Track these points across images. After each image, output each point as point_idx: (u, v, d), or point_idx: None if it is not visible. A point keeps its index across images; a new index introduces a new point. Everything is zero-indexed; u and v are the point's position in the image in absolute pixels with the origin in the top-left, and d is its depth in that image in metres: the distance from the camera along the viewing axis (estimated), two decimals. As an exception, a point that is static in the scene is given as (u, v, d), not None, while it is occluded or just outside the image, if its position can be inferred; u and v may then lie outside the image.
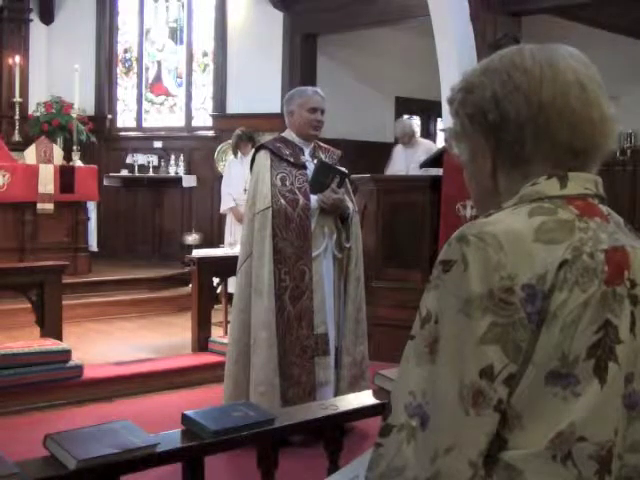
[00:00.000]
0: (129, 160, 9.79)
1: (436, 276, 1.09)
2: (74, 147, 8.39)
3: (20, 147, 8.88)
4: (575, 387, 1.05)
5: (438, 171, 6.17)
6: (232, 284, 5.42)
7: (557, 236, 1.08)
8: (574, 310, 1.05)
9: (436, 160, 6.44)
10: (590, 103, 1.13)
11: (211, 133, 9.81)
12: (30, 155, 8.24)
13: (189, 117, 10.17)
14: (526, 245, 1.06)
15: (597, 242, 1.10)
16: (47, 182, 7.67)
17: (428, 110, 10.49)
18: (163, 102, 10.38)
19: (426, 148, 7.97)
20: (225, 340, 5.08)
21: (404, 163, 7.86)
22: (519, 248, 1.05)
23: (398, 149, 8.02)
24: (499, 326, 1.03)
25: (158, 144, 10.01)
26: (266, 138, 5.83)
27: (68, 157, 8.53)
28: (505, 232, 1.07)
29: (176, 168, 9.74)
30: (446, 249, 1.10)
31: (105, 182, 9.55)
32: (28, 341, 5.09)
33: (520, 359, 1.04)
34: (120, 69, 10.46)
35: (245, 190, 6.47)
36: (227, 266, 5.36)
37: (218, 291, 6.13)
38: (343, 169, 4.13)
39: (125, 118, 10.46)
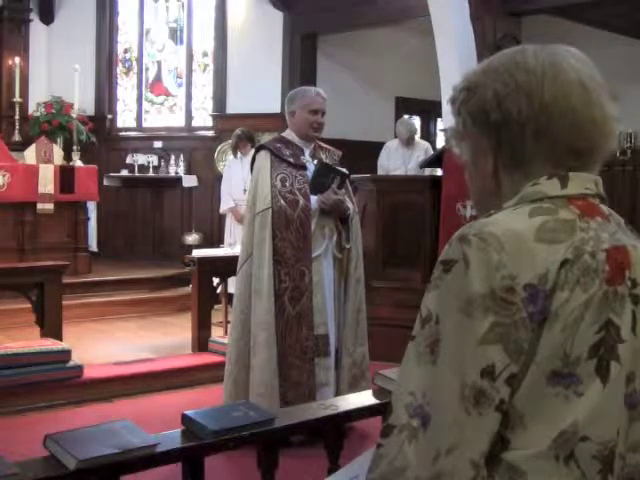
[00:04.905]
0: (129, 160, 9.79)
1: (437, 276, 1.09)
2: (74, 147, 8.38)
3: (20, 147, 8.88)
4: (577, 387, 1.05)
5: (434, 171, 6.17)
6: (232, 284, 5.42)
7: (558, 236, 1.07)
8: (575, 310, 1.05)
9: (436, 160, 6.44)
10: (592, 103, 1.13)
11: (211, 133, 9.81)
12: (30, 155, 8.23)
13: (189, 117, 10.17)
14: (527, 245, 1.06)
15: (598, 242, 1.09)
16: (47, 182, 7.67)
17: (428, 110, 10.48)
18: (163, 102, 10.37)
19: (424, 148, 7.98)
20: (225, 340, 5.07)
21: (402, 161, 7.85)
22: (520, 248, 1.05)
23: (394, 146, 7.96)
24: (500, 326, 1.03)
25: (158, 144, 10.01)
26: (266, 138, 5.83)
27: (68, 157, 8.52)
28: (506, 232, 1.06)
29: (176, 168, 9.73)
30: (447, 249, 1.09)
31: (105, 182, 9.55)
32: (28, 341, 5.09)
33: (522, 359, 1.04)
34: (120, 69, 10.46)
35: (245, 190, 6.47)
36: (227, 266, 5.35)
37: (218, 291, 6.13)
38: (344, 170, 4.11)
39: (125, 118, 10.46)
